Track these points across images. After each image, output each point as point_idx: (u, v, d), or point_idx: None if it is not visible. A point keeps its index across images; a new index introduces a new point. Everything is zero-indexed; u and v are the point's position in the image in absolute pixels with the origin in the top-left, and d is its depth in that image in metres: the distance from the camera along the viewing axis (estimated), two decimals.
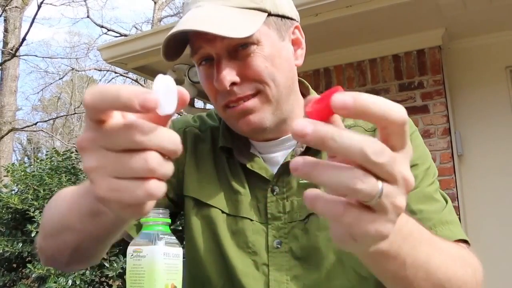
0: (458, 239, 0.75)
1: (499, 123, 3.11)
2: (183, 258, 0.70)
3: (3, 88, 10.86)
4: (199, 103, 5.69)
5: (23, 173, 3.60)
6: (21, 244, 3.17)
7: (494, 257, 2.95)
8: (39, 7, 11.32)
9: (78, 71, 16.42)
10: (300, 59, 0.84)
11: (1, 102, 10.78)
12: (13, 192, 3.60)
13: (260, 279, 0.80)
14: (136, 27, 16.19)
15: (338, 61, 3.39)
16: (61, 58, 16.44)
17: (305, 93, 0.90)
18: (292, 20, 0.83)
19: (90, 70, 16.20)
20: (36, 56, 16.67)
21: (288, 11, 0.83)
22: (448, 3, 2.70)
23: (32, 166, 4.24)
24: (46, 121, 15.58)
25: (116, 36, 14.25)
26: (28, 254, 3.23)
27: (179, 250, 0.69)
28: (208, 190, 0.85)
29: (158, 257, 0.66)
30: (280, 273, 0.79)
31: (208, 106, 4.61)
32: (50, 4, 14.18)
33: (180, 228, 2.50)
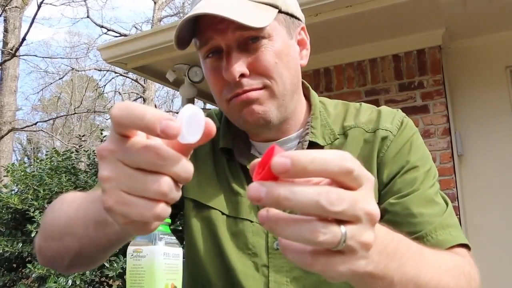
0: (458, 244, 0.74)
1: (499, 123, 3.11)
2: (183, 259, 0.70)
3: (3, 88, 10.85)
4: (199, 103, 5.69)
5: (23, 173, 3.60)
6: (21, 244, 3.17)
7: (494, 257, 2.95)
8: (39, 7, 11.33)
9: (78, 71, 16.42)
10: (305, 60, 0.85)
11: (1, 102, 10.77)
12: (13, 192, 3.61)
13: (260, 280, 0.80)
14: (136, 27, 16.22)
15: (338, 61, 3.39)
16: (61, 58, 16.45)
17: (306, 93, 0.90)
18: (299, 20, 0.84)
19: (90, 70, 16.20)
20: (36, 56, 16.71)
21: (296, 10, 0.84)
22: (448, 3, 2.70)
23: (32, 166, 4.25)
24: (46, 121, 15.59)
25: (116, 36, 14.25)
26: (28, 254, 3.23)
27: (179, 250, 0.69)
28: (208, 192, 0.85)
29: (158, 257, 0.66)
30: (280, 274, 0.79)
31: (208, 106, 4.61)
32: (50, 4, 14.20)
33: (180, 228, 2.50)
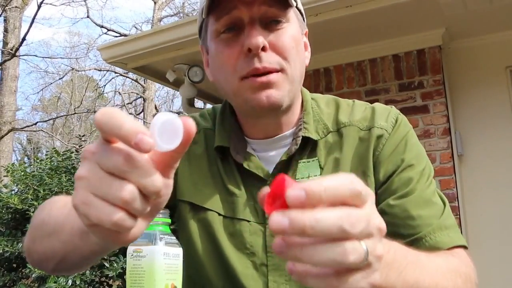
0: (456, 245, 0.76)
1: (499, 123, 3.11)
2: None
3: (3, 88, 10.85)
4: (199, 103, 5.69)
5: (23, 173, 3.60)
6: (21, 244, 3.17)
7: (494, 257, 2.95)
8: (39, 7, 11.33)
9: (78, 71, 16.42)
10: (307, 61, 0.86)
11: (1, 102, 10.77)
12: (13, 192, 3.60)
13: (260, 279, 0.80)
14: (136, 27, 16.20)
15: (338, 61, 3.39)
16: (61, 58, 16.45)
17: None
18: (304, 23, 0.87)
19: (90, 70, 16.20)
20: (36, 56, 16.73)
21: (304, 14, 0.86)
22: (448, 3, 2.70)
23: (32, 166, 4.24)
24: (46, 121, 15.60)
25: (116, 36, 14.25)
26: None
27: (179, 250, 0.69)
28: (204, 194, 0.85)
29: (158, 257, 0.66)
30: (279, 273, 0.79)
31: (208, 106, 4.60)
32: (50, 4, 14.21)
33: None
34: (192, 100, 3.96)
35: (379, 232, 0.42)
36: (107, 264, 3.00)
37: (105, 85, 17.09)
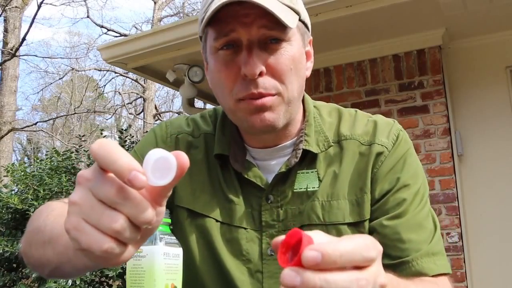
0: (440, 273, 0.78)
1: (499, 123, 3.11)
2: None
3: (3, 88, 10.84)
4: (199, 103, 5.69)
5: (23, 173, 3.60)
6: (21, 244, 3.16)
7: (494, 256, 2.95)
8: (39, 7, 11.32)
9: (78, 71, 16.41)
10: (308, 71, 0.84)
11: (1, 102, 10.77)
12: (13, 192, 3.60)
13: (255, 286, 0.81)
14: (136, 27, 16.18)
15: (338, 61, 3.39)
16: (61, 58, 16.46)
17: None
18: (309, 32, 0.84)
19: (90, 70, 16.19)
20: (36, 56, 16.78)
21: (309, 22, 0.84)
22: (448, 3, 2.70)
23: (32, 166, 4.24)
24: (46, 121, 15.58)
25: (116, 36, 14.25)
26: None
27: (179, 250, 0.69)
28: (202, 200, 0.85)
29: (158, 257, 0.66)
30: (274, 280, 0.80)
31: (208, 106, 4.60)
32: (50, 4, 14.21)
33: None
34: (192, 100, 3.96)
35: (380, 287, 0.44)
36: None
37: (105, 85, 17.11)
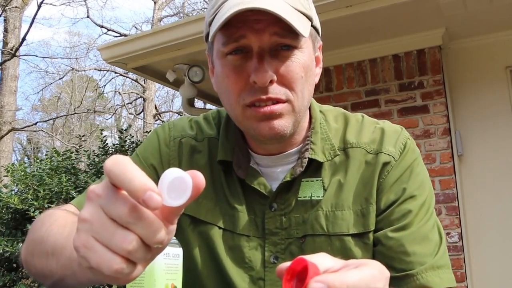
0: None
1: (499, 123, 3.11)
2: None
3: (3, 88, 10.84)
4: (199, 103, 5.69)
5: (23, 173, 3.60)
6: (21, 244, 3.17)
7: (494, 256, 2.96)
8: (39, 7, 11.33)
9: (78, 71, 16.42)
10: (317, 78, 0.82)
11: (1, 102, 10.77)
12: (13, 192, 3.60)
13: None
14: (136, 27, 16.19)
15: (338, 61, 3.39)
16: (61, 58, 16.48)
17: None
18: (319, 36, 0.83)
19: (90, 70, 16.19)
20: (36, 56, 16.80)
21: (319, 27, 0.82)
22: (448, 3, 2.70)
23: (32, 166, 4.24)
24: (46, 121, 15.59)
25: (116, 36, 14.25)
26: None
27: (179, 250, 0.69)
28: (205, 207, 0.84)
29: (158, 257, 0.65)
30: None
31: (208, 106, 4.60)
32: (50, 4, 14.24)
33: None
34: (192, 100, 3.96)
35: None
36: None
37: (105, 85, 17.12)
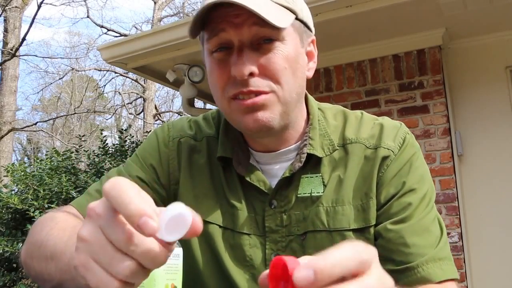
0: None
1: (499, 123, 3.11)
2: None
3: (3, 88, 10.84)
4: (199, 103, 5.69)
5: (23, 173, 3.60)
6: (21, 244, 3.17)
7: (494, 256, 2.96)
8: (39, 7, 11.32)
9: (78, 71, 16.41)
10: (310, 72, 0.83)
11: (1, 102, 10.76)
12: (13, 192, 3.60)
13: None
14: (136, 27, 16.18)
15: (338, 61, 3.39)
16: (61, 58, 16.43)
17: (305, 101, 0.88)
18: (310, 31, 0.83)
19: (90, 70, 16.19)
20: (36, 56, 16.75)
21: (310, 21, 0.83)
22: (448, 3, 2.70)
23: (32, 166, 4.24)
24: (46, 121, 15.58)
25: (116, 36, 14.25)
26: None
27: (179, 250, 0.69)
28: (205, 206, 0.84)
29: None
30: None
31: (208, 106, 4.61)
32: (50, 4, 14.23)
33: None
34: (192, 100, 3.96)
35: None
36: None
37: (105, 85, 17.12)
